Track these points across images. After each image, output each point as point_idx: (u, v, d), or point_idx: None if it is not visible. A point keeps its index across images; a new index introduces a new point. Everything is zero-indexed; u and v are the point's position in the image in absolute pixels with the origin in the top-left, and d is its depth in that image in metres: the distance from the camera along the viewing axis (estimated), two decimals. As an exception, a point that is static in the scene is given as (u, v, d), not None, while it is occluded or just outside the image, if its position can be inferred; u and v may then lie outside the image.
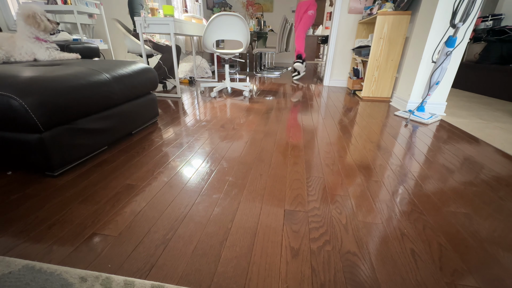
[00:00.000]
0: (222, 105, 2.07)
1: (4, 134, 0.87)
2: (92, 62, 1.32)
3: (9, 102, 0.79)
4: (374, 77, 2.42)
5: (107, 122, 1.12)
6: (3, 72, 0.90)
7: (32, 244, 0.63)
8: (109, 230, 0.69)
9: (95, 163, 1.06)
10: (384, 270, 0.59)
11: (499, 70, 2.67)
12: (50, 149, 0.88)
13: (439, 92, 1.96)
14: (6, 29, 2.03)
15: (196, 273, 0.57)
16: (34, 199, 0.81)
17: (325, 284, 0.55)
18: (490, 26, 3.00)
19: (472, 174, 1.05)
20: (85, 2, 2.35)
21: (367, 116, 1.88)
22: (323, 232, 0.70)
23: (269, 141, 1.33)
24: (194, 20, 2.75)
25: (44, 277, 0.53)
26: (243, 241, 0.66)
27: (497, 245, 0.67)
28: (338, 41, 3.07)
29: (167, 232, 0.69)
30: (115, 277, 0.54)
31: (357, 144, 1.33)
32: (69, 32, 2.54)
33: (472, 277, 0.57)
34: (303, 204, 0.82)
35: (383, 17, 2.20)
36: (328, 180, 0.97)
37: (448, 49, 1.62)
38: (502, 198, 0.89)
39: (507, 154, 1.26)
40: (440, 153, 1.24)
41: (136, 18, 2.08)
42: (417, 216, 0.78)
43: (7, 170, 0.97)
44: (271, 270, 0.58)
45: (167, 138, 1.35)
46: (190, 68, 3.55)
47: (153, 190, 0.88)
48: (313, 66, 6.03)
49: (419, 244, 0.67)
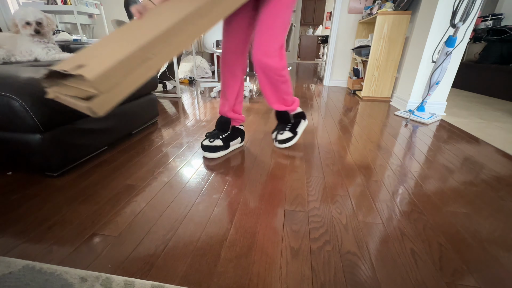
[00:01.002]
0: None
1: (4, 135, 0.87)
2: (92, 62, 1.31)
3: (9, 102, 0.79)
4: (374, 77, 2.42)
5: (107, 122, 1.12)
6: (3, 72, 0.90)
7: (32, 245, 0.63)
8: (109, 230, 0.69)
9: (95, 163, 1.06)
10: (384, 270, 0.59)
11: (499, 70, 2.67)
12: (50, 149, 0.88)
13: (439, 92, 1.96)
14: (6, 29, 2.03)
15: (196, 273, 0.57)
16: (34, 200, 0.81)
17: (325, 284, 0.55)
18: (490, 26, 3.00)
19: (472, 174, 1.05)
20: (85, 3, 2.35)
21: (367, 116, 1.87)
22: (323, 232, 0.70)
23: (269, 141, 1.33)
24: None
25: (44, 278, 0.53)
26: (243, 241, 0.66)
27: (497, 245, 0.67)
28: (338, 41, 3.07)
29: (167, 232, 0.69)
30: (115, 277, 0.54)
31: (357, 144, 1.33)
32: (69, 32, 2.54)
33: (472, 277, 0.57)
34: (303, 204, 0.82)
35: (383, 17, 2.20)
36: (328, 180, 0.97)
37: (448, 49, 1.62)
38: (502, 198, 0.89)
39: (507, 154, 1.26)
40: (440, 153, 1.24)
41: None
42: (417, 216, 0.78)
43: (7, 171, 0.97)
44: (271, 270, 0.58)
45: (167, 138, 1.35)
46: (190, 68, 3.55)
47: (153, 190, 0.88)
48: (313, 66, 6.03)
49: (419, 244, 0.67)
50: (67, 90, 0.61)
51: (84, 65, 0.56)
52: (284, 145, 1.24)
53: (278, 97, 1.13)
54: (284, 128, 1.23)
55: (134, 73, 0.59)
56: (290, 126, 1.24)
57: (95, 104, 0.56)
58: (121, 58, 0.56)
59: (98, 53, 0.61)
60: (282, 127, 1.24)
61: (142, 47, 0.58)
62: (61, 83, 0.64)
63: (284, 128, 1.23)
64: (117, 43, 0.63)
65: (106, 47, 0.64)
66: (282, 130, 1.23)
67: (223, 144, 1.14)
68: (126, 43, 0.61)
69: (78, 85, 0.58)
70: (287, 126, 1.24)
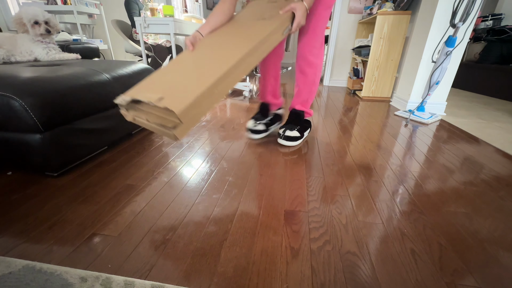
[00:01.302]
0: (221, 105, 2.07)
1: (4, 135, 0.87)
2: (92, 62, 1.32)
3: (9, 102, 0.79)
4: (374, 77, 2.42)
5: (107, 122, 1.12)
6: (3, 72, 0.90)
7: (32, 244, 0.63)
8: (109, 230, 0.69)
9: (95, 163, 1.06)
10: (384, 270, 0.59)
11: (499, 70, 2.67)
12: (50, 149, 0.88)
13: (439, 92, 1.96)
14: (6, 29, 2.03)
15: (196, 273, 0.57)
16: (34, 200, 0.81)
17: (325, 284, 0.55)
18: (490, 26, 3.00)
19: (472, 174, 1.05)
20: (85, 3, 2.35)
21: (367, 116, 1.87)
22: (323, 232, 0.70)
23: (269, 141, 1.33)
24: (194, 20, 2.75)
25: (44, 277, 0.53)
26: (243, 241, 0.66)
27: (497, 245, 0.67)
28: (338, 41, 3.07)
29: (167, 232, 0.69)
30: (115, 277, 0.54)
31: (357, 144, 1.33)
32: (69, 32, 2.54)
33: (472, 277, 0.57)
34: (303, 204, 0.82)
35: (383, 17, 2.20)
36: (328, 180, 0.97)
37: (448, 49, 1.62)
38: (502, 198, 0.89)
39: (507, 154, 1.26)
40: (440, 153, 1.24)
41: (136, 18, 2.08)
42: (417, 216, 0.78)
43: (7, 171, 0.97)
44: (271, 270, 0.58)
45: (167, 138, 1.35)
46: (190, 68, 3.54)
47: (153, 190, 0.88)
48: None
49: (419, 244, 0.67)
50: (148, 116, 0.73)
51: (164, 98, 0.68)
52: (289, 143, 1.26)
53: (304, 98, 1.27)
54: (293, 128, 1.27)
55: (204, 103, 0.73)
56: (299, 128, 1.28)
57: (178, 131, 0.68)
58: (197, 95, 0.69)
59: (172, 85, 0.74)
60: (292, 126, 1.27)
61: (211, 84, 0.72)
62: (138, 109, 0.76)
63: (293, 128, 1.27)
64: (187, 77, 0.77)
65: (176, 78, 0.77)
66: (291, 129, 1.26)
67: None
68: (196, 79, 0.75)
69: (162, 115, 0.70)
70: (297, 127, 1.28)
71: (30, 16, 1.31)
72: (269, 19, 0.97)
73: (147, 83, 0.79)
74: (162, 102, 0.66)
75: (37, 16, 1.32)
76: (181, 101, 0.67)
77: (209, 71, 0.76)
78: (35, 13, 1.31)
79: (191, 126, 0.72)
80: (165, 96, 0.68)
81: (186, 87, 0.72)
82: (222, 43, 0.90)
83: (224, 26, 1.02)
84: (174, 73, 0.81)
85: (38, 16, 1.32)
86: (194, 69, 0.80)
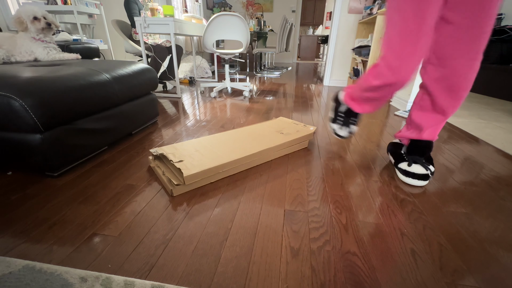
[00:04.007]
0: (222, 105, 2.07)
1: (4, 135, 0.87)
2: (92, 62, 1.32)
3: (9, 102, 0.79)
4: (374, 77, 2.41)
5: (107, 122, 1.12)
6: (3, 72, 0.90)
7: (32, 244, 0.63)
8: (109, 230, 0.69)
9: (95, 163, 1.06)
10: (384, 270, 0.59)
11: (499, 70, 2.67)
12: (50, 149, 0.88)
13: (439, 92, 1.96)
14: (6, 29, 2.03)
15: (196, 273, 0.57)
16: (34, 200, 0.81)
17: (325, 284, 0.55)
18: (490, 26, 3.00)
19: (472, 174, 1.05)
20: (85, 2, 2.35)
21: (367, 116, 1.87)
22: (323, 232, 0.70)
23: (269, 141, 1.33)
24: (194, 20, 2.75)
25: (44, 277, 0.53)
26: (243, 241, 0.66)
27: (497, 245, 0.67)
28: (338, 41, 3.07)
29: (167, 232, 0.69)
30: (115, 277, 0.54)
31: (357, 144, 1.33)
32: (69, 32, 2.54)
33: (472, 277, 0.57)
34: (303, 204, 0.82)
35: (383, 17, 2.19)
36: (328, 180, 0.97)
37: (448, 49, 1.61)
38: (502, 198, 0.89)
39: (507, 154, 1.26)
40: (440, 153, 1.24)
41: (136, 18, 2.08)
42: (417, 216, 0.78)
43: (7, 171, 0.97)
44: (271, 270, 0.58)
45: (167, 138, 1.35)
46: (190, 68, 3.55)
47: (153, 190, 0.88)
48: (313, 66, 6.04)
49: (419, 244, 0.67)
50: (165, 170, 0.93)
51: (183, 161, 0.90)
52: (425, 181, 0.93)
53: None
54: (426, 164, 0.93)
55: (208, 177, 0.91)
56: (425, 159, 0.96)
57: (177, 189, 0.84)
58: (205, 169, 0.87)
59: (193, 155, 0.95)
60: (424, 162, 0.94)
61: (219, 165, 0.91)
62: (161, 162, 0.98)
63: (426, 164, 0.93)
64: (205, 154, 0.97)
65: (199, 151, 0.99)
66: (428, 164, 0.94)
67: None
68: (211, 158, 0.94)
69: (175, 173, 0.89)
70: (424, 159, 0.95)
71: (28, 13, 1.33)
72: (286, 135, 1.18)
73: (177, 146, 1.03)
74: (179, 164, 0.87)
75: (36, 12, 1.34)
76: (191, 169, 0.85)
77: (222, 156, 0.96)
78: (33, 10, 1.34)
79: (188, 189, 0.87)
80: (184, 160, 0.90)
81: (201, 160, 0.91)
82: (238, 139, 1.13)
83: (247, 126, 1.30)
84: (198, 146, 1.04)
85: (36, 12, 1.34)
86: (212, 150, 1.01)
